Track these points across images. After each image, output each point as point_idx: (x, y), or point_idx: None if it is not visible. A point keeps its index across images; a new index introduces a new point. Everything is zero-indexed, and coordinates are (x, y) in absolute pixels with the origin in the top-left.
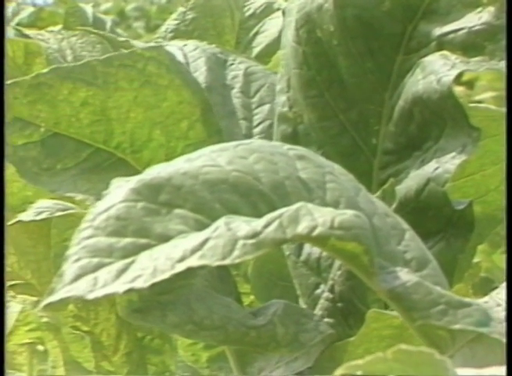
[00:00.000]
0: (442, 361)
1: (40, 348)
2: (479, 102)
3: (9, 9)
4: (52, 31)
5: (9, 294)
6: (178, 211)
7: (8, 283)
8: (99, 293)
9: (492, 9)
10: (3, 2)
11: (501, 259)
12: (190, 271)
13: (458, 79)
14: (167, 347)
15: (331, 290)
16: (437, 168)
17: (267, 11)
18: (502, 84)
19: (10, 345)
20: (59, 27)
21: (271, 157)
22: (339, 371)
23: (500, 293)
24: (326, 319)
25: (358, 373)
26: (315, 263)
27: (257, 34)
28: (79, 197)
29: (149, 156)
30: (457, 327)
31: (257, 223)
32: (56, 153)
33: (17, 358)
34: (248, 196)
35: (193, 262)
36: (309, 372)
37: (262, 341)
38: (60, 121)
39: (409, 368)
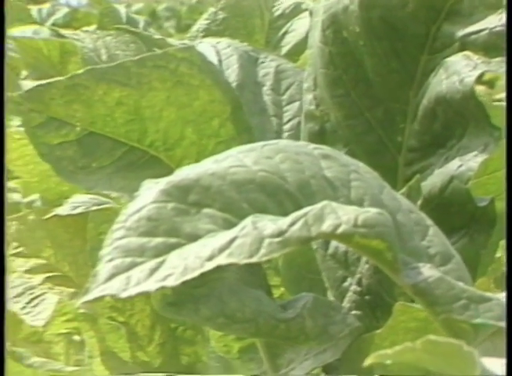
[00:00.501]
0: (470, 352)
1: (76, 338)
2: (499, 100)
3: (44, 10)
4: (86, 31)
5: (46, 285)
6: (206, 210)
7: (45, 276)
8: (132, 291)
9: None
10: (3, 2)
11: None
12: (221, 267)
13: (479, 78)
14: (200, 338)
15: (359, 283)
16: (460, 166)
17: (295, 11)
18: None
19: (47, 335)
20: (93, 27)
21: (296, 157)
22: (369, 360)
23: None
24: (353, 312)
25: (388, 362)
26: (343, 257)
27: (286, 33)
28: (114, 194)
29: (182, 153)
30: (478, 321)
31: (283, 222)
32: (92, 151)
33: (54, 348)
34: (274, 195)
35: (221, 260)
36: (337, 364)
37: (292, 333)
38: (96, 121)
39: (437, 358)
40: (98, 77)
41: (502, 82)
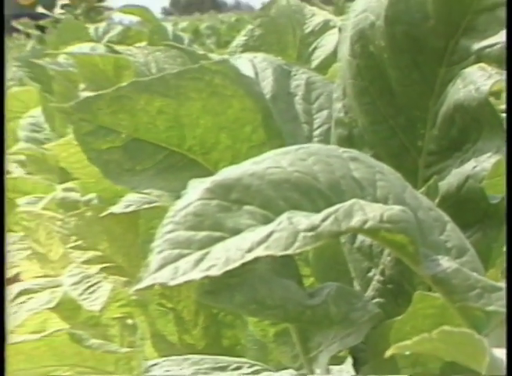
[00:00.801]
0: (480, 340)
1: (129, 322)
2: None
3: (100, 28)
4: (138, 47)
5: (101, 275)
6: (247, 207)
7: (101, 266)
8: (179, 280)
9: None
10: (3, 3)
11: None
12: (255, 258)
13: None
14: (239, 323)
15: (382, 273)
16: (475, 167)
17: (324, 28)
18: None
19: (103, 319)
20: (144, 43)
21: (327, 159)
22: (390, 351)
23: None
24: (377, 299)
25: (407, 352)
26: (368, 250)
27: (315, 48)
28: (155, 193)
29: (217, 157)
30: (491, 308)
31: (316, 217)
32: (136, 156)
33: (110, 330)
34: (308, 193)
35: (260, 252)
36: (363, 347)
37: (317, 318)
38: (139, 128)
39: (451, 347)
40: (140, 89)
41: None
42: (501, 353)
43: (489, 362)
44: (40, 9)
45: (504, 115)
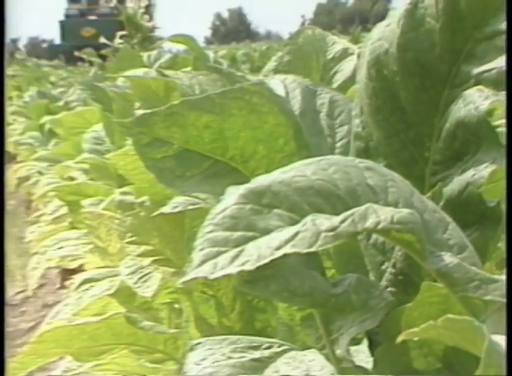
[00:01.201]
0: (480, 327)
1: (176, 306)
2: (497, 126)
3: (152, 56)
4: (184, 72)
5: (153, 266)
6: (276, 211)
7: (152, 258)
8: (218, 274)
9: None
10: (3, 6)
11: None
12: (286, 254)
13: None
14: (270, 308)
15: (393, 266)
16: (474, 175)
17: (343, 55)
18: None
19: (154, 304)
20: (189, 68)
21: (345, 169)
22: (400, 338)
23: None
24: (389, 289)
25: (415, 338)
26: (381, 246)
27: (336, 72)
28: (202, 196)
29: (255, 165)
30: (488, 297)
31: (336, 219)
32: (186, 164)
33: (160, 314)
34: (328, 198)
35: (287, 250)
36: (377, 330)
37: (340, 305)
38: (189, 140)
39: (454, 333)
40: (190, 107)
41: (499, 111)
42: (500, 339)
43: (487, 346)
44: (102, 40)
45: (500, 130)
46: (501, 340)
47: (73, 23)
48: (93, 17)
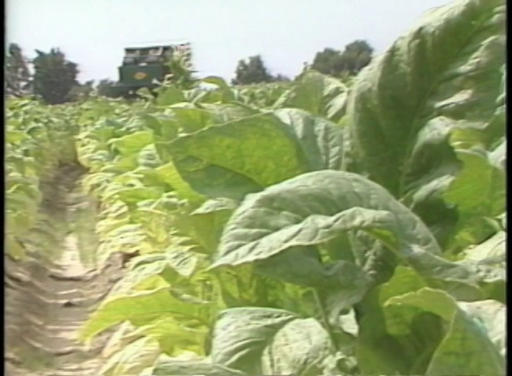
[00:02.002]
0: (450, 298)
1: (208, 283)
2: (453, 147)
3: (191, 93)
4: (215, 105)
5: (190, 252)
6: (284, 212)
7: (190, 246)
8: (239, 262)
9: (469, 91)
10: (3, 4)
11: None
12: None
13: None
14: (279, 286)
15: (374, 254)
16: (437, 184)
17: (336, 93)
18: (467, 136)
19: (191, 281)
20: (219, 102)
21: (337, 180)
22: (387, 302)
23: (471, 254)
24: (370, 272)
25: (399, 303)
26: (365, 238)
27: (330, 106)
28: (225, 200)
29: (266, 176)
30: (448, 279)
31: (330, 219)
32: (212, 175)
33: (195, 289)
34: (324, 203)
35: (293, 242)
36: (361, 303)
37: (332, 284)
38: (214, 157)
39: (429, 302)
40: (216, 132)
41: (454, 136)
42: (463, 305)
43: (456, 313)
44: (154, 81)
45: (457, 150)
46: (464, 306)
47: (128, 68)
48: (144, 64)
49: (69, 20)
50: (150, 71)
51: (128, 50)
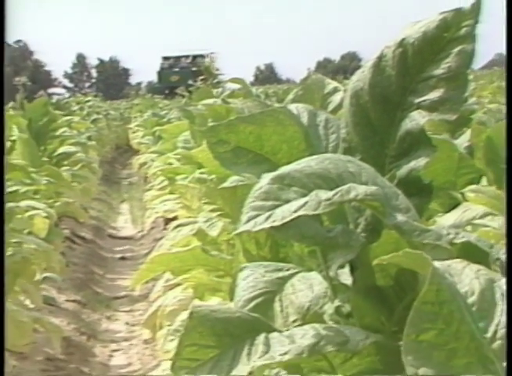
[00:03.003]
0: (427, 258)
1: (231, 242)
2: (429, 134)
3: (218, 91)
4: (238, 100)
5: (217, 218)
6: (293, 188)
7: (218, 213)
8: (257, 228)
9: (442, 89)
10: (3, 3)
11: (436, 206)
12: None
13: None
14: (288, 244)
15: (365, 221)
16: (415, 164)
17: (334, 91)
18: (436, 127)
19: (218, 240)
20: (241, 98)
21: (335, 161)
22: (376, 261)
23: (440, 221)
24: (362, 234)
25: (385, 262)
26: (358, 208)
27: (329, 102)
28: (247, 176)
29: (280, 156)
30: (425, 241)
31: (330, 193)
32: (238, 155)
33: (221, 247)
34: (325, 180)
35: (300, 212)
36: (355, 260)
37: (331, 244)
38: (239, 141)
39: (409, 261)
40: (241, 121)
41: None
42: (438, 264)
43: (432, 269)
44: (190, 82)
45: (431, 136)
46: (438, 264)
47: (165, 72)
48: (177, 69)
49: (123, 33)
50: (182, 75)
51: (165, 58)
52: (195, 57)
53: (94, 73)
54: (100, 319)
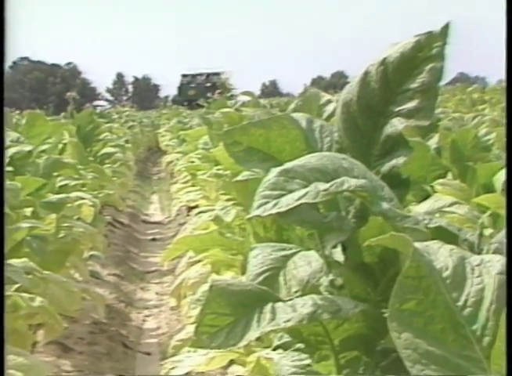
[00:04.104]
0: (408, 239)
1: (243, 226)
2: (406, 137)
3: (233, 101)
4: (255, 109)
5: (231, 205)
6: (296, 180)
7: (232, 202)
8: (265, 213)
9: (417, 100)
10: (3, 5)
11: (410, 197)
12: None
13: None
14: (291, 228)
15: (355, 208)
16: (396, 162)
17: (327, 102)
18: (409, 132)
19: (233, 225)
20: (260, 108)
21: (331, 158)
22: (366, 243)
23: (414, 209)
24: (352, 220)
25: (373, 243)
26: (349, 197)
27: (324, 111)
28: (257, 171)
29: (284, 155)
30: (406, 225)
31: (327, 185)
32: (249, 153)
33: (234, 230)
34: (323, 174)
35: (302, 201)
36: (346, 241)
37: (327, 228)
38: (250, 142)
39: (395, 242)
40: (252, 125)
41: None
42: (419, 245)
43: (413, 249)
44: (209, 95)
45: (409, 139)
46: (417, 244)
47: (184, 87)
48: (194, 85)
49: (154, 55)
50: (198, 90)
51: (184, 75)
52: (208, 75)
53: (130, 88)
54: (135, 290)
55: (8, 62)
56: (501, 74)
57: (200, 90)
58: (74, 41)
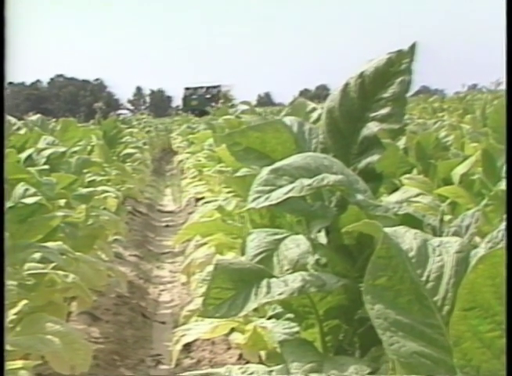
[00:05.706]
0: (379, 225)
1: (242, 215)
2: (379, 138)
3: (233, 109)
4: (252, 116)
5: (232, 197)
6: (284, 177)
7: (232, 194)
8: (260, 206)
9: (389, 107)
10: (3, 3)
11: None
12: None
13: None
14: (282, 215)
15: (337, 199)
16: (371, 160)
17: (313, 109)
18: (381, 135)
19: (234, 214)
20: (256, 115)
21: (315, 158)
22: (345, 228)
23: (386, 199)
24: (334, 208)
25: (351, 229)
26: (331, 190)
27: (310, 117)
28: (253, 167)
29: (277, 154)
30: (378, 213)
31: (311, 180)
32: (248, 153)
33: (234, 218)
34: (308, 171)
35: (289, 194)
36: (329, 226)
37: (313, 215)
38: (248, 144)
39: (369, 228)
40: (250, 129)
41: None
42: (387, 229)
43: (383, 235)
44: (214, 104)
45: (382, 140)
46: (387, 230)
47: (187, 99)
48: (195, 96)
49: (167, 71)
50: (199, 101)
51: (187, 88)
52: (208, 88)
53: (148, 99)
54: (152, 268)
55: (46, 78)
56: (456, 87)
57: (201, 101)
58: (100, 57)
